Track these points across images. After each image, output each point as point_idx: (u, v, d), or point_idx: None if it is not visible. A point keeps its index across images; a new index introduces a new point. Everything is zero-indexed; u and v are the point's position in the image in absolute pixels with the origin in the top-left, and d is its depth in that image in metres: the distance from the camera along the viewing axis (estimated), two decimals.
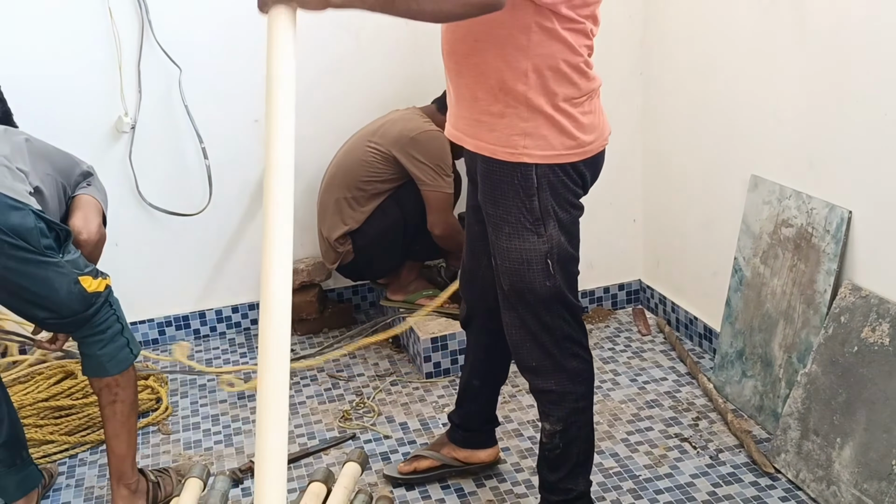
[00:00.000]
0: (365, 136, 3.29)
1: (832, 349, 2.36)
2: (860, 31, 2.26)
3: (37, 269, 2.13)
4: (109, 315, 2.31)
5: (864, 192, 2.33)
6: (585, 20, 1.91)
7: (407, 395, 3.05)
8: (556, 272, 2.03)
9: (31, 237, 2.11)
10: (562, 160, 1.96)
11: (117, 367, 2.33)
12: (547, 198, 1.98)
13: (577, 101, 1.95)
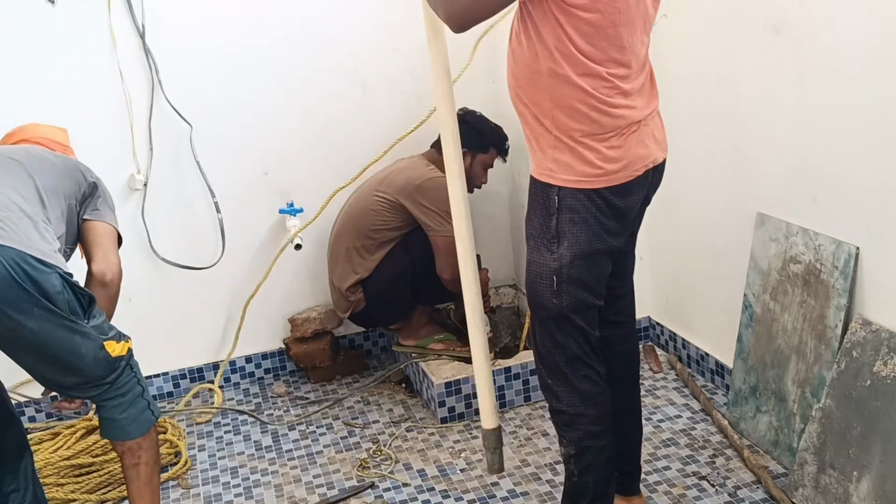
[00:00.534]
0: (372, 185, 3.34)
1: (845, 383, 2.38)
2: (859, 70, 2.31)
3: (64, 333, 2.15)
4: (131, 378, 2.32)
5: (870, 228, 2.37)
6: (600, 65, 2.04)
7: (423, 440, 3.06)
8: (563, 292, 2.15)
9: (59, 300, 2.13)
10: (583, 185, 2.10)
11: (139, 430, 2.34)
12: (565, 219, 2.12)
13: (599, 136, 2.09)
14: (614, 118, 2.08)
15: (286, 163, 3.52)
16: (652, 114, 2.22)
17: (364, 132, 3.58)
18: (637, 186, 2.18)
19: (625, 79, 2.10)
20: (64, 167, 2.46)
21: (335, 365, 3.61)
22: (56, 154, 2.54)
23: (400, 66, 3.55)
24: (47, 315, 2.11)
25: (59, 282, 2.13)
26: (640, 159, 2.16)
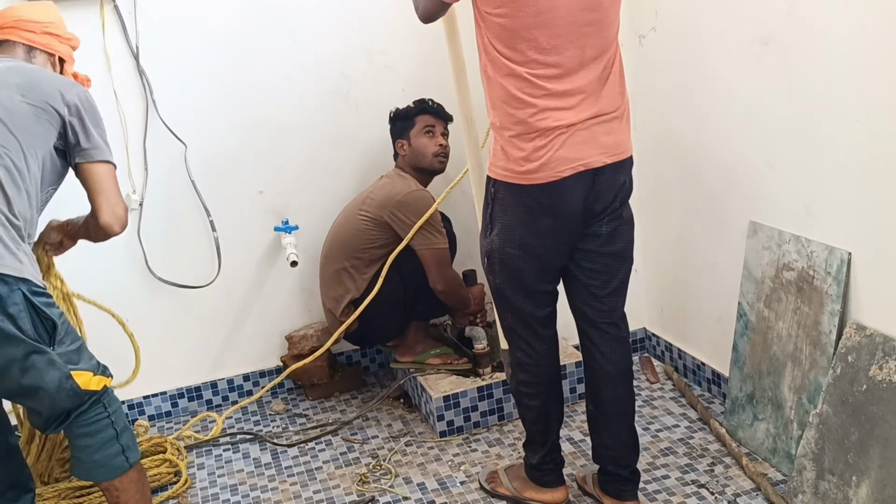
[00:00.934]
0: (356, 205, 3.36)
1: (842, 389, 2.40)
2: (845, 80, 2.35)
3: (29, 357, 2.07)
4: (101, 417, 2.22)
5: (861, 233, 2.40)
6: (521, 66, 2.20)
7: (422, 454, 3.07)
8: (496, 272, 2.43)
9: (22, 320, 2.05)
10: (508, 180, 2.31)
11: (106, 475, 2.26)
12: (497, 209, 2.37)
13: (525, 136, 2.25)
14: (539, 119, 2.22)
15: (281, 181, 3.53)
16: (598, 118, 2.26)
17: (358, 150, 3.60)
18: (568, 188, 2.27)
19: (553, 80, 2.21)
20: (34, 106, 2.26)
21: (333, 382, 3.62)
22: (26, 72, 2.33)
23: (392, 85, 3.57)
24: (7, 340, 2.04)
25: (21, 300, 2.05)
26: (566, 162, 2.24)
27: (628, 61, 3.33)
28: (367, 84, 3.55)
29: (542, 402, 2.57)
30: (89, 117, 2.34)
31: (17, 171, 2.20)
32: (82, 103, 2.33)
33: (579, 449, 2.99)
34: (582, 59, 2.21)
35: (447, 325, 3.69)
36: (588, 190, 2.30)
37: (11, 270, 2.06)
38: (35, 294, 2.12)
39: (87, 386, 2.18)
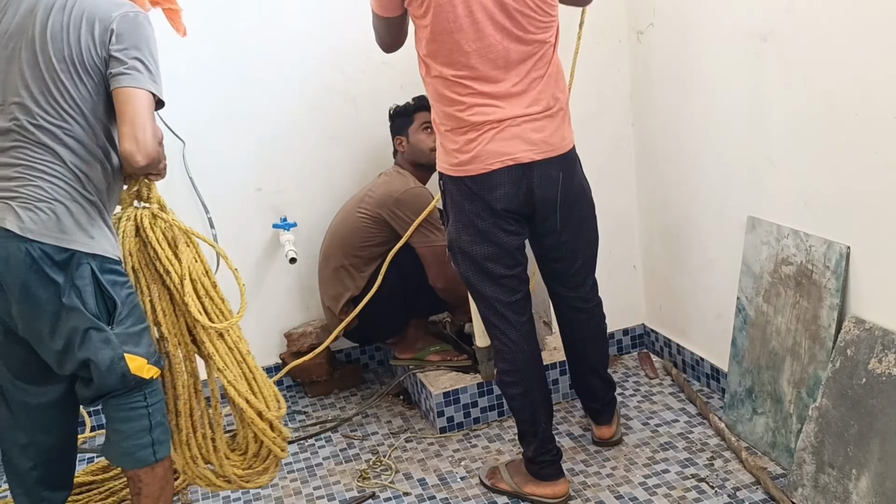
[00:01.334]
0: (354, 203, 3.36)
1: (841, 382, 2.41)
2: (843, 75, 2.35)
3: (87, 330, 2.12)
4: (138, 406, 2.23)
5: (860, 227, 2.41)
6: (445, 66, 2.39)
7: (422, 450, 3.07)
8: (459, 261, 2.56)
9: (85, 293, 2.11)
10: (450, 173, 2.49)
11: (131, 464, 2.27)
12: (447, 201, 2.55)
13: (457, 130, 2.43)
14: (469, 114, 2.40)
15: (279, 178, 3.53)
16: (528, 116, 2.42)
17: (357, 147, 3.60)
18: (496, 181, 2.42)
19: (478, 80, 2.39)
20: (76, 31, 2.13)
21: (332, 379, 3.62)
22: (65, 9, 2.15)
23: (391, 82, 3.57)
24: (70, 312, 2.10)
25: (89, 275, 2.11)
26: (495, 155, 2.40)
27: (626, 58, 3.37)
28: (366, 81, 3.55)
29: (525, 389, 2.62)
30: (128, 40, 2.13)
31: (82, 145, 2.16)
32: (120, 26, 2.13)
33: (579, 444, 2.99)
34: (507, 61, 2.39)
35: (446, 322, 3.69)
36: (519, 184, 2.44)
37: (82, 247, 2.11)
38: (104, 271, 2.15)
39: (138, 372, 2.19)
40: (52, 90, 2.12)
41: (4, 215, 2.10)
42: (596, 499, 2.67)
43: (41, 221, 2.09)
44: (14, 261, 2.08)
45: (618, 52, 3.37)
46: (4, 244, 2.08)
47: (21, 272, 2.08)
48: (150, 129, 2.11)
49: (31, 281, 2.09)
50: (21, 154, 2.12)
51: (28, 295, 2.10)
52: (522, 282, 2.59)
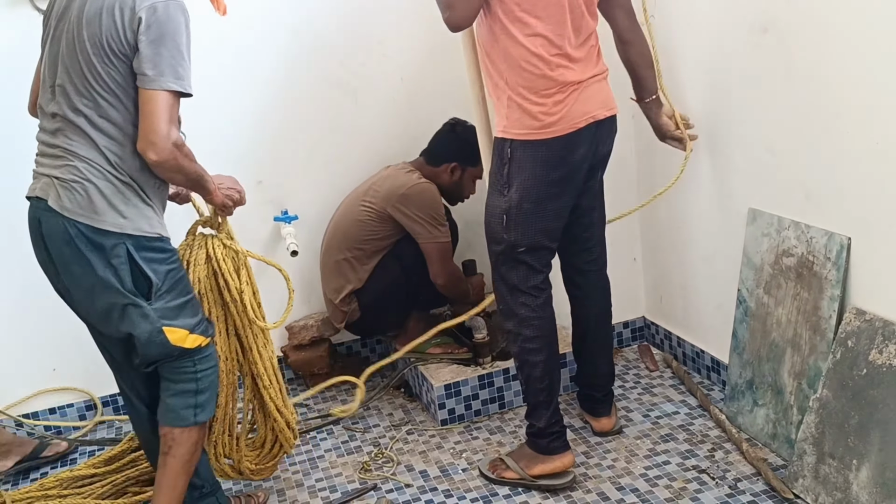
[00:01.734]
0: (358, 196, 3.36)
1: (841, 373, 2.42)
2: (845, 65, 2.35)
3: (122, 308, 2.23)
4: (186, 370, 2.35)
5: (861, 219, 2.41)
6: (537, 21, 2.47)
7: (424, 442, 3.08)
8: (512, 229, 2.61)
9: (121, 271, 2.21)
10: (529, 137, 2.54)
11: (171, 421, 2.38)
12: (511, 168, 2.58)
13: (545, 92, 2.51)
14: (555, 74, 2.50)
15: (280, 172, 3.53)
16: (595, 77, 2.60)
17: (357, 139, 3.60)
18: (581, 139, 2.56)
19: (565, 40, 2.50)
20: (109, 16, 2.15)
21: (334, 372, 3.62)
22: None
23: (390, 74, 3.58)
24: (107, 289, 2.21)
25: (125, 254, 2.21)
26: (581, 114, 2.55)
27: None
28: (366, 74, 3.55)
29: (547, 356, 2.71)
30: (155, 35, 2.14)
31: (116, 128, 2.23)
32: (148, 19, 2.14)
33: (580, 436, 3.00)
34: (582, 26, 2.56)
35: (446, 315, 3.69)
36: (592, 140, 2.61)
37: (113, 227, 2.21)
38: (140, 249, 2.24)
39: (180, 342, 2.30)
40: (85, 74, 2.20)
41: (48, 191, 2.23)
42: (597, 490, 2.68)
43: (76, 201, 2.20)
44: (55, 235, 2.22)
45: None
46: (48, 219, 2.23)
47: (61, 246, 2.22)
48: (162, 129, 2.16)
49: (68, 256, 2.22)
50: (62, 137, 2.24)
51: (67, 268, 2.25)
52: (553, 255, 2.75)
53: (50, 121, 2.27)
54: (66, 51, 2.22)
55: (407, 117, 3.65)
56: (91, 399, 3.51)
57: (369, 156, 3.62)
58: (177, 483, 2.41)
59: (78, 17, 2.20)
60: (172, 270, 2.32)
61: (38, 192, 2.26)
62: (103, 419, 3.51)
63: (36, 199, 2.27)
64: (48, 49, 2.30)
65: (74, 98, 2.21)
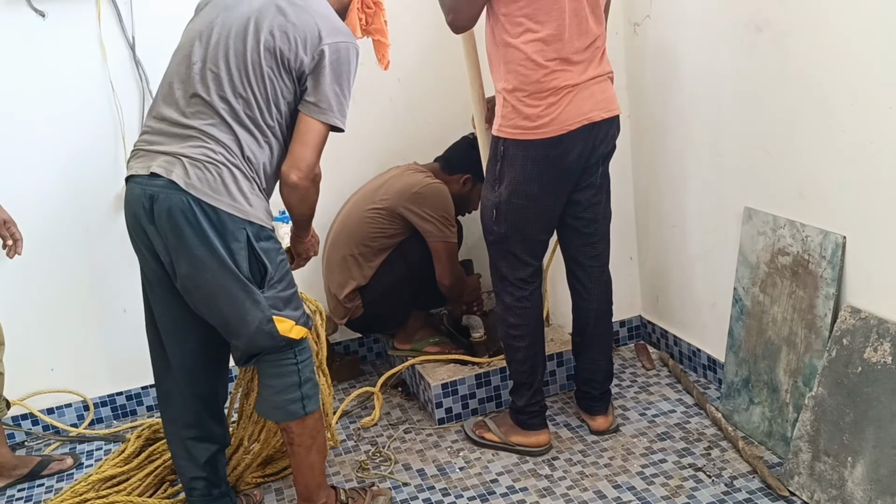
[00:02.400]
0: (368, 193, 3.37)
1: (836, 371, 2.43)
2: (839, 64, 2.37)
3: (236, 293, 2.25)
4: (290, 363, 2.37)
5: (855, 217, 2.42)
6: (537, 26, 2.51)
7: (421, 441, 3.09)
8: (502, 223, 2.72)
9: (240, 258, 2.23)
10: (521, 137, 2.61)
11: (280, 416, 2.42)
12: (503, 165, 2.67)
13: (539, 94, 2.56)
14: (550, 79, 2.55)
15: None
16: (595, 79, 2.63)
17: (354, 140, 3.59)
18: (574, 140, 2.61)
19: (564, 45, 2.54)
20: (277, 56, 2.28)
21: (331, 371, 3.61)
22: (288, 9, 2.30)
23: (387, 74, 3.57)
24: (223, 270, 2.22)
25: (244, 240, 2.24)
26: (574, 117, 2.59)
27: (623, 49, 3.38)
28: (362, 74, 3.54)
29: (530, 343, 2.84)
30: (332, 72, 2.30)
31: (259, 130, 2.30)
32: (331, 56, 2.29)
33: (577, 434, 3.01)
34: (586, 29, 2.58)
35: (443, 314, 3.71)
36: (587, 141, 2.64)
37: (238, 213, 2.24)
38: (259, 238, 2.29)
39: (287, 333, 2.33)
40: (249, 72, 2.26)
41: (172, 168, 2.24)
42: (594, 488, 2.69)
43: (206, 181, 2.23)
44: (175, 212, 2.22)
45: (615, 43, 3.37)
46: (168, 195, 2.23)
47: (181, 224, 2.22)
48: (312, 158, 2.31)
49: (188, 234, 2.22)
50: (201, 119, 2.27)
51: (183, 246, 2.24)
52: (545, 249, 2.84)
53: (188, 101, 2.28)
54: (232, 42, 2.27)
55: (404, 117, 3.67)
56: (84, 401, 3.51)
57: (366, 155, 3.63)
58: (313, 463, 2.48)
59: (256, 20, 2.27)
60: (282, 262, 2.38)
61: (154, 168, 2.24)
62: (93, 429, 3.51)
63: (150, 176, 2.25)
64: (204, 30, 2.32)
65: (227, 88, 2.26)
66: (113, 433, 3.43)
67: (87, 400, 3.51)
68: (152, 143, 2.31)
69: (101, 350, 3.48)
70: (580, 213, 2.82)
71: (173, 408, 2.55)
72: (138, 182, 2.28)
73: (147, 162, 2.28)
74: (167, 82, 2.35)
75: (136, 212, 2.29)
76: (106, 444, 3.36)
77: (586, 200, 2.80)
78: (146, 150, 2.31)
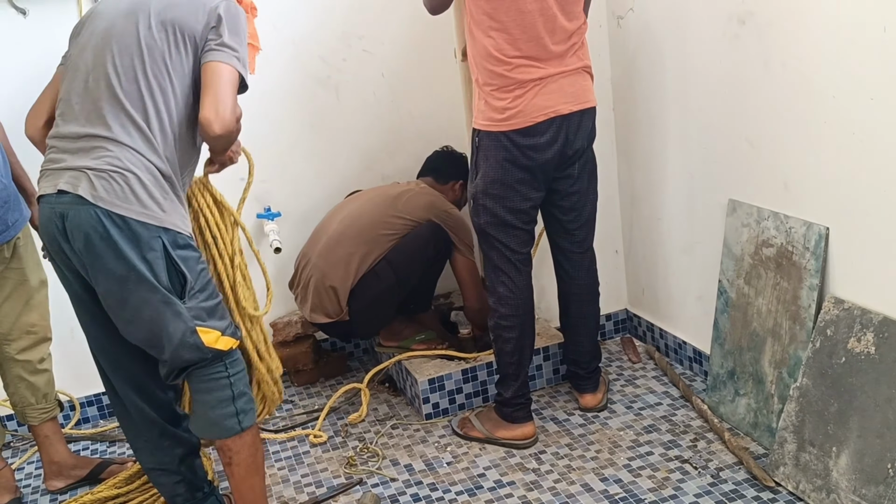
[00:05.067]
0: (385, 205, 3.30)
1: (821, 362, 2.44)
2: (822, 57, 2.38)
3: (156, 305, 2.17)
4: (220, 376, 2.27)
5: (838, 209, 2.43)
6: (499, 24, 2.60)
7: (409, 437, 3.09)
8: (480, 212, 2.79)
9: (156, 266, 2.15)
10: (491, 129, 2.70)
11: (216, 433, 2.32)
12: (478, 156, 2.76)
13: (506, 88, 2.65)
14: (515, 73, 2.63)
15: (262, 168, 3.50)
16: (566, 72, 2.69)
17: (339, 135, 3.61)
18: (541, 132, 2.67)
19: (528, 41, 2.61)
20: (174, 36, 2.24)
21: (318, 368, 3.63)
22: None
23: (372, 70, 3.58)
24: (141, 283, 2.14)
25: (160, 248, 2.15)
26: (539, 109, 2.65)
27: (607, 41, 3.38)
28: (347, 69, 3.56)
29: (519, 334, 2.87)
30: (228, 24, 2.25)
31: (160, 119, 2.22)
32: (227, 14, 2.26)
33: (563, 428, 3.02)
34: (555, 26, 2.64)
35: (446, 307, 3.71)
36: (558, 133, 2.69)
37: (151, 220, 2.15)
38: (175, 246, 2.19)
39: (213, 344, 2.24)
40: (146, 58, 2.21)
41: (79, 182, 2.15)
42: (581, 481, 2.69)
43: (113, 190, 2.13)
44: (86, 227, 2.12)
45: (598, 36, 3.37)
46: (77, 212, 2.13)
47: (93, 239, 2.13)
48: (230, 102, 2.19)
49: (101, 249, 2.13)
50: (102, 128, 2.18)
51: (98, 263, 2.15)
52: (531, 238, 2.88)
53: (87, 113, 2.20)
54: (119, 37, 2.22)
55: (389, 113, 3.66)
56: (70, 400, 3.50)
57: (351, 152, 3.62)
58: (253, 484, 2.40)
59: (140, 6, 2.24)
60: (203, 271, 2.28)
61: (61, 185, 2.16)
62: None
63: (57, 194, 2.17)
64: (88, 40, 2.27)
65: (124, 85, 2.19)
66: (100, 433, 3.42)
67: (73, 399, 3.49)
68: (57, 160, 2.22)
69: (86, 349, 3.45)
70: (559, 202, 2.88)
71: (130, 420, 2.46)
72: (48, 201, 2.20)
73: (54, 180, 2.19)
74: (64, 101, 2.27)
75: (50, 232, 2.20)
76: (93, 444, 3.35)
77: (564, 190, 2.86)
78: (52, 169, 2.22)
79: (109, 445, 3.33)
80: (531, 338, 2.94)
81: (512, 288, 2.85)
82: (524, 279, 2.87)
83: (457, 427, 3.05)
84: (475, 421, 3.01)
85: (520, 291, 2.85)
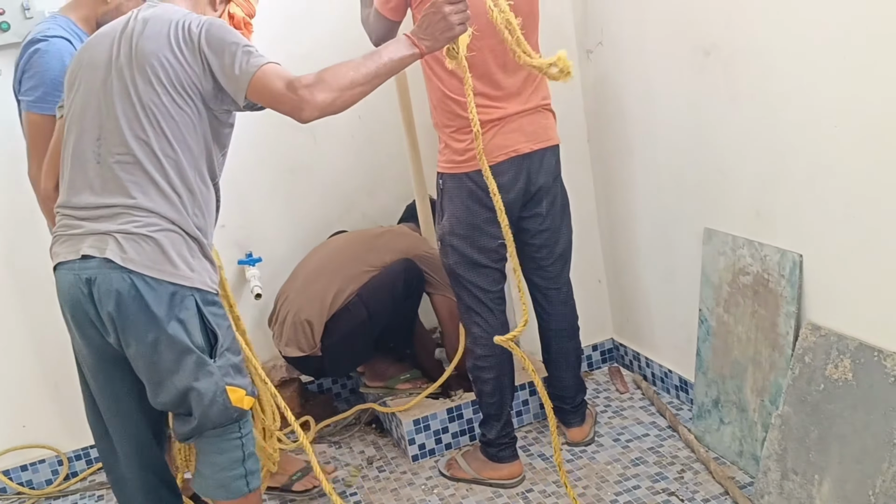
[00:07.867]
0: (364, 244, 3.32)
1: (800, 389, 2.44)
2: (787, 86, 2.39)
3: (188, 364, 2.11)
4: (233, 437, 2.21)
5: (811, 235, 2.43)
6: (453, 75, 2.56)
7: (395, 479, 3.07)
8: (448, 253, 2.80)
9: (190, 325, 2.10)
10: (453, 171, 2.73)
11: (223, 495, 2.25)
12: (443, 199, 2.79)
13: (464, 129, 2.64)
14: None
15: (242, 214, 3.54)
16: (525, 112, 2.71)
17: (318, 179, 3.62)
18: (502, 171, 2.66)
19: (485, 82, 2.62)
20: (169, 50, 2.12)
21: (304, 411, 3.61)
22: (148, 26, 2.15)
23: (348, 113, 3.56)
24: (175, 347, 2.09)
25: (193, 307, 2.11)
26: (499, 149, 2.67)
27: (578, 74, 3.40)
28: None
29: (497, 374, 2.87)
30: (218, 40, 2.13)
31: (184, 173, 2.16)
32: (205, 32, 2.13)
33: (550, 465, 3.00)
34: (509, 65, 2.61)
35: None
36: (519, 172, 2.72)
37: (183, 280, 2.10)
38: (206, 303, 2.15)
39: (239, 403, 2.18)
40: (156, 113, 2.12)
41: (105, 246, 2.08)
42: None
43: (144, 252, 2.08)
44: (116, 291, 2.06)
45: None
46: (105, 275, 2.06)
47: (125, 303, 2.06)
48: (297, 83, 2.12)
49: (133, 312, 2.06)
50: (123, 196, 2.11)
51: (129, 326, 2.08)
52: (502, 276, 2.88)
53: (103, 180, 2.12)
54: (120, 98, 2.13)
55: (367, 154, 3.68)
56: (59, 455, 3.48)
57: (330, 193, 3.64)
58: None
59: (126, 64, 2.13)
60: (229, 327, 2.25)
61: (85, 250, 2.08)
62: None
63: (81, 259, 2.09)
64: (85, 99, 2.17)
65: (135, 148, 2.11)
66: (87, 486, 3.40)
67: (60, 454, 3.48)
68: (74, 226, 2.14)
69: (74, 403, 3.44)
70: (529, 240, 2.89)
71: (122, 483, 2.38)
72: (70, 268, 2.11)
73: (75, 245, 2.11)
74: (73, 167, 2.17)
75: (74, 299, 2.12)
76: (81, 499, 3.33)
77: (534, 228, 2.86)
78: (70, 235, 2.14)
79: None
80: (510, 377, 2.93)
81: (486, 328, 2.84)
82: (497, 318, 2.87)
83: (444, 468, 3.04)
84: (462, 461, 3.00)
85: (494, 331, 2.81)
